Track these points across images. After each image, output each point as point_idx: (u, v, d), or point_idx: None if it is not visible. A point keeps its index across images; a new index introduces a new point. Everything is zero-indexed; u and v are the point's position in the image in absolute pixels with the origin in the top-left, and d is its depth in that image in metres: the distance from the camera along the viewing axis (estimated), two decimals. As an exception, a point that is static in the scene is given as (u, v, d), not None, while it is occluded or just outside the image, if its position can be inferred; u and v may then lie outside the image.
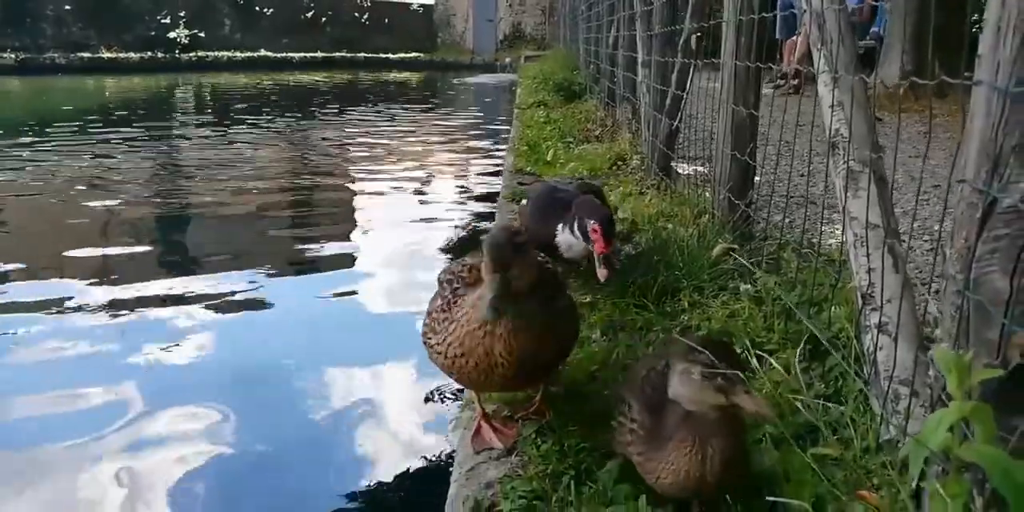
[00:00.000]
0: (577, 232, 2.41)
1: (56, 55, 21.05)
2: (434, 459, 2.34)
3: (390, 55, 25.54)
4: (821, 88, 1.84)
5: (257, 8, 25.13)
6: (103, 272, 4.05)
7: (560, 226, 2.49)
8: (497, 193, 5.02)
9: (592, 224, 2.33)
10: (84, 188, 6.14)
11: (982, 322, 1.17)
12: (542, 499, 1.47)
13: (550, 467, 1.58)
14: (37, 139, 8.77)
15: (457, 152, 8.51)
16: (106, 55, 21.75)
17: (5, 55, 20.16)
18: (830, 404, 1.71)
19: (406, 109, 13.14)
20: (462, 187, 6.50)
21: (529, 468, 1.59)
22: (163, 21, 23.58)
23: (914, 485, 1.33)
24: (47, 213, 5.39)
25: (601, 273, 2.29)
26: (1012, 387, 1.08)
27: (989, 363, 1.10)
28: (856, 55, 1.77)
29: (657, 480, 1.36)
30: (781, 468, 1.49)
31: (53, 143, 8.46)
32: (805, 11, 1.94)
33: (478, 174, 7.10)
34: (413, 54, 26.09)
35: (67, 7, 22.41)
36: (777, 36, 10.27)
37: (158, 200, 5.84)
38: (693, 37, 3.51)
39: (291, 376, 2.89)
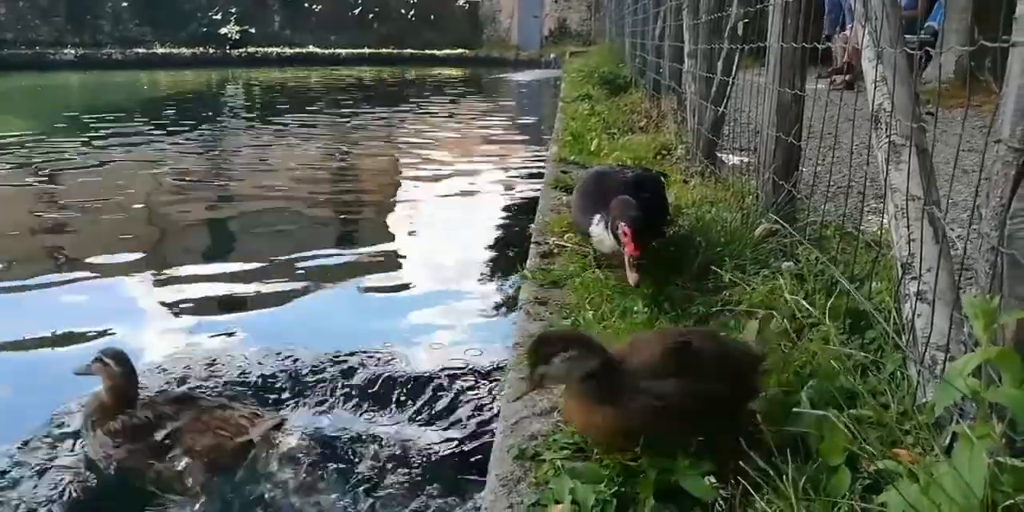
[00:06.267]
0: (609, 231, 2.34)
1: (113, 51, 21.70)
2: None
3: (436, 51, 25.74)
4: (865, 64, 1.87)
5: (306, 5, 25.56)
6: (150, 261, 4.18)
7: (597, 217, 2.44)
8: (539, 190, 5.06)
9: (623, 227, 2.23)
10: (131, 181, 6.31)
11: (1016, 278, 1.21)
12: (584, 451, 1.54)
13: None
14: (87, 132, 9.01)
15: (501, 146, 8.59)
16: (160, 51, 22.36)
17: (66, 51, 20.86)
18: (868, 371, 1.74)
19: (450, 105, 13.26)
20: (505, 181, 6.56)
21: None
22: (215, 17, 24.13)
23: (947, 441, 1.37)
24: (87, 205, 5.50)
25: (631, 277, 2.21)
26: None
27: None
28: (900, 30, 1.80)
29: None
30: (816, 428, 1.54)
31: (102, 136, 8.69)
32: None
33: (521, 168, 7.16)
34: (458, 50, 26.24)
35: (124, 4, 23.08)
36: (826, 31, 10.15)
37: (203, 194, 5.99)
38: (740, 23, 3.53)
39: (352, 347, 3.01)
